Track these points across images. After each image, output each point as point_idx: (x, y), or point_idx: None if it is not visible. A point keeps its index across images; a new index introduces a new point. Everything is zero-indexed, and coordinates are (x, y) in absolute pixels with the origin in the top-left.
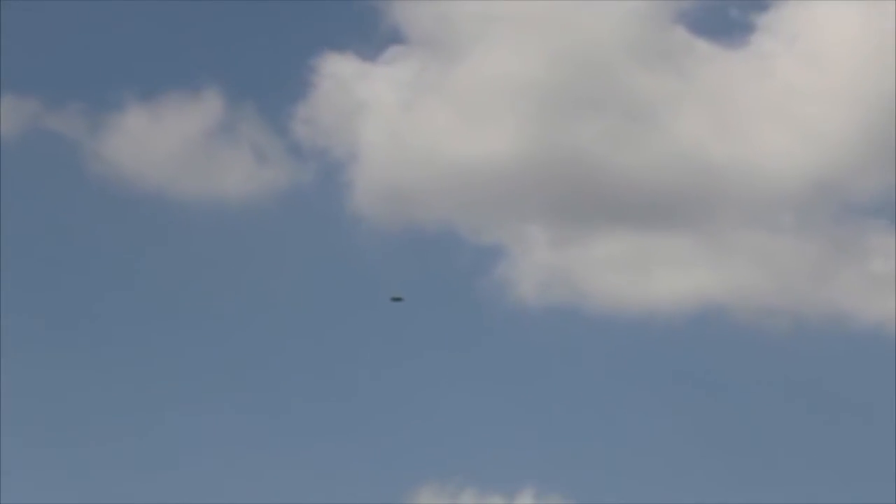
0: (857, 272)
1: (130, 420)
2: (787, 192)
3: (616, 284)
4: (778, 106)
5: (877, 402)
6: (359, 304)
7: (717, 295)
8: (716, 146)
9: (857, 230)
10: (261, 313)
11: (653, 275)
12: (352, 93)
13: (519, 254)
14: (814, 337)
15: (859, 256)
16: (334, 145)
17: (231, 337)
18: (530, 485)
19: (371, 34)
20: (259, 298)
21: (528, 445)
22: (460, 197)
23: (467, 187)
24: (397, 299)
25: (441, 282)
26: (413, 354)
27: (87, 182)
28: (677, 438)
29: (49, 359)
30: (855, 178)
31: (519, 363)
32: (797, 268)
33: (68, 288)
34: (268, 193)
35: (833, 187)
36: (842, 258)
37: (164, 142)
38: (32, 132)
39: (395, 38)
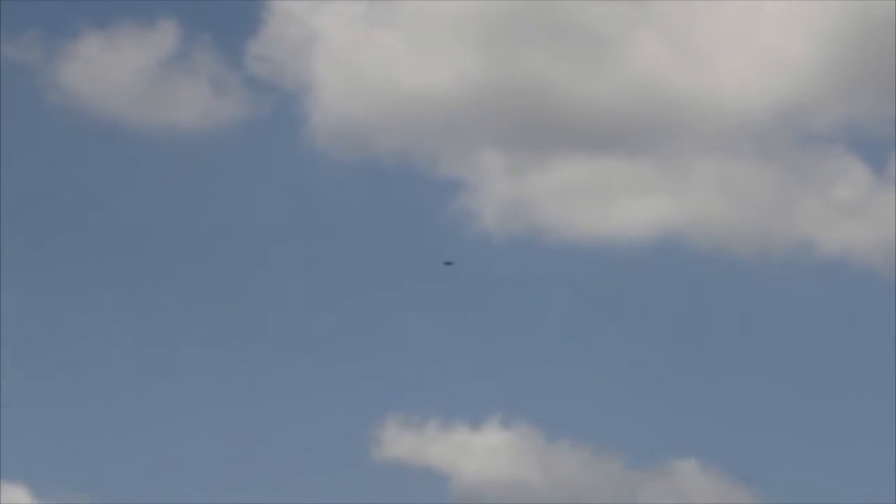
0: (819, 199)
1: (92, 350)
2: (747, 119)
3: (576, 212)
4: (738, 32)
5: (840, 328)
6: (318, 237)
7: (678, 222)
8: (675, 72)
9: (819, 157)
10: (217, 246)
11: (613, 202)
12: (304, 26)
13: (478, 184)
14: (776, 264)
15: (821, 184)
16: (289, 78)
17: (188, 269)
18: (495, 413)
19: None
20: (215, 231)
21: (492, 374)
22: (416, 128)
23: (422, 118)
24: (448, 263)
25: (401, 213)
26: (376, 287)
27: (44, 110)
28: (639, 365)
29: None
30: (816, 105)
31: (482, 293)
32: (758, 195)
33: (24, 216)
34: (224, 125)
35: (794, 114)
36: (803, 185)
37: (121, 71)
38: None
39: None
